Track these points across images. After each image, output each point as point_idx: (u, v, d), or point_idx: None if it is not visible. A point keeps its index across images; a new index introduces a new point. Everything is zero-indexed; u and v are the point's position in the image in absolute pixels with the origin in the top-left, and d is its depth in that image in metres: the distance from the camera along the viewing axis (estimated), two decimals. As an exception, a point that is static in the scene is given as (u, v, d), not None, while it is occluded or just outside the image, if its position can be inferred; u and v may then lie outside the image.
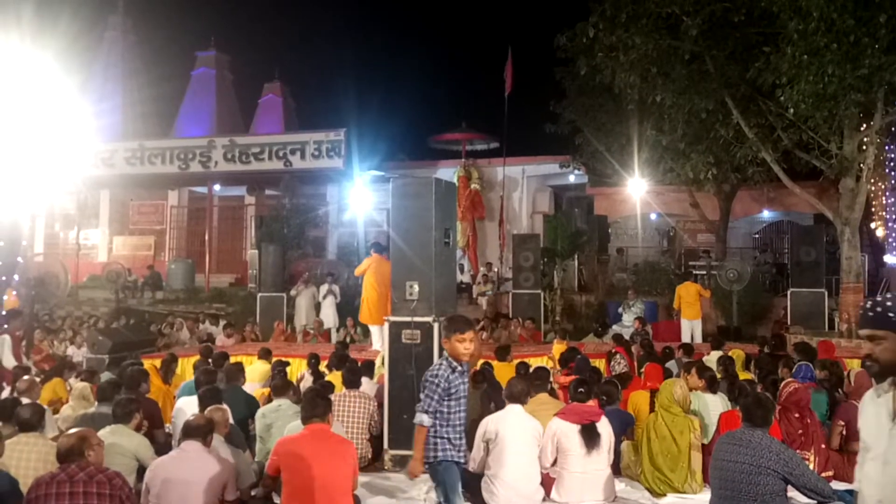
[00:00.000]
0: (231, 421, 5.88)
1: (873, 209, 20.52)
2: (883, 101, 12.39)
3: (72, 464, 4.27)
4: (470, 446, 6.44)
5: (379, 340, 11.13)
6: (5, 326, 10.89)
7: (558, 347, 10.45)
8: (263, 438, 6.49)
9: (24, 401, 6.36)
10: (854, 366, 8.89)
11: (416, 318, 7.07)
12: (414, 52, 53.48)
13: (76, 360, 13.34)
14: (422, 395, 4.36)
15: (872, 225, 21.31)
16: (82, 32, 24.83)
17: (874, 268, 21.31)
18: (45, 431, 5.68)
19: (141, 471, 5.20)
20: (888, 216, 20.79)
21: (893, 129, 15.24)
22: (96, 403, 6.80)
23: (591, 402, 5.87)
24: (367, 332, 13.46)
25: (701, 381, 6.77)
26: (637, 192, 19.49)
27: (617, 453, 6.18)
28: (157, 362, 9.81)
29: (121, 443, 5.37)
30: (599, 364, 9.87)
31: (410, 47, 54.10)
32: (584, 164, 20.65)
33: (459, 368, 4.41)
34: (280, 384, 6.98)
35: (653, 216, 22.84)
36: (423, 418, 4.28)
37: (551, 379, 8.13)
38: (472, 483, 5.72)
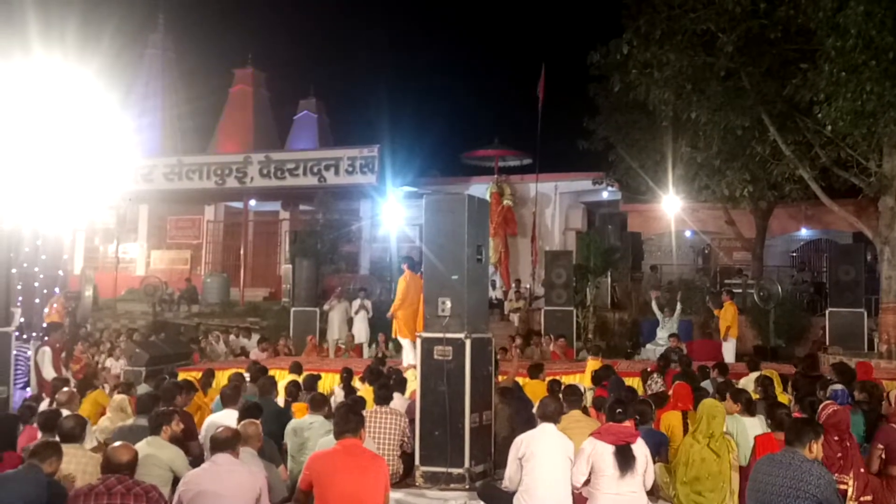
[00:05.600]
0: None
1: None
2: (924, 118, 12.18)
3: (112, 476, 4.35)
4: (501, 463, 6.43)
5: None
6: (46, 338, 11.12)
7: (592, 365, 10.32)
8: (294, 457, 6.53)
9: (65, 412, 6.49)
10: (893, 388, 8.70)
11: (449, 335, 7.08)
12: (447, 69, 53.78)
13: (114, 372, 13.59)
14: None
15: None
16: (123, 50, 25.41)
17: (916, 287, 20.83)
18: (83, 443, 5.78)
19: (176, 482, 5.27)
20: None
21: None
22: (134, 416, 6.91)
23: (628, 423, 5.81)
24: (399, 348, 13.51)
25: (737, 405, 6.69)
26: (671, 209, 19.33)
27: (650, 475, 6.12)
28: (197, 375, 9.95)
29: (157, 454, 5.45)
30: (634, 383, 9.78)
31: (444, 64, 54.49)
32: (617, 181, 20.54)
33: None
34: (318, 399, 7.04)
35: (687, 233, 22.61)
36: None
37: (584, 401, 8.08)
38: (505, 501, 5.71)
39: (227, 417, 6.42)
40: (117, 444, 4.68)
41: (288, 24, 50.79)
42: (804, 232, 22.74)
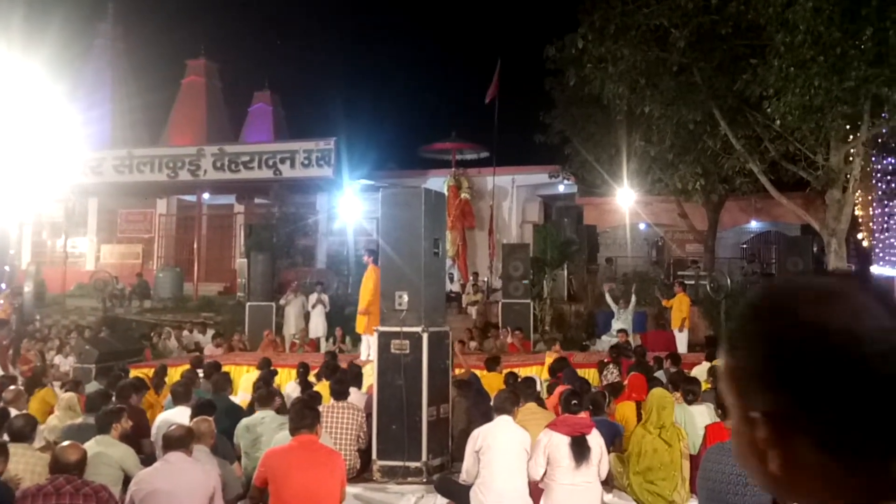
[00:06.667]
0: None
1: (860, 220, 20.69)
2: (869, 112, 12.47)
3: (61, 476, 4.26)
4: (459, 456, 6.45)
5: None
6: (-8, 335, 10.84)
7: (550, 359, 10.38)
8: (248, 454, 6.45)
9: (12, 411, 6.34)
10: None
11: (406, 329, 7.07)
12: (404, 62, 53.64)
13: (63, 369, 13.29)
14: None
15: (859, 236, 21.48)
16: (71, 40, 24.82)
17: (861, 278, 21.40)
18: (32, 443, 5.65)
19: (127, 481, 5.17)
20: (875, 227, 20.97)
21: (880, 140, 15.37)
22: (83, 414, 6.76)
23: (583, 414, 5.87)
24: (356, 342, 13.45)
25: (678, 394, 6.84)
26: (626, 202, 19.56)
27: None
28: (149, 372, 9.79)
29: (106, 453, 5.34)
30: (590, 373, 9.89)
31: (401, 57, 54.27)
32: (573, 174, 20.72)
33: None
34: (264, 395, 6.95)
35: (642, 226, 22.92)
36: None
37: (539, 389, 8.13)
38: (462, 494, 5.73)
39: (179, 415, 6.32)
40: (65, 443, 4.58)
41: (242, 15, 50.15)
42: (754, 224, 23.22)
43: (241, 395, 8.84)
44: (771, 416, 0.86)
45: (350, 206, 21.86)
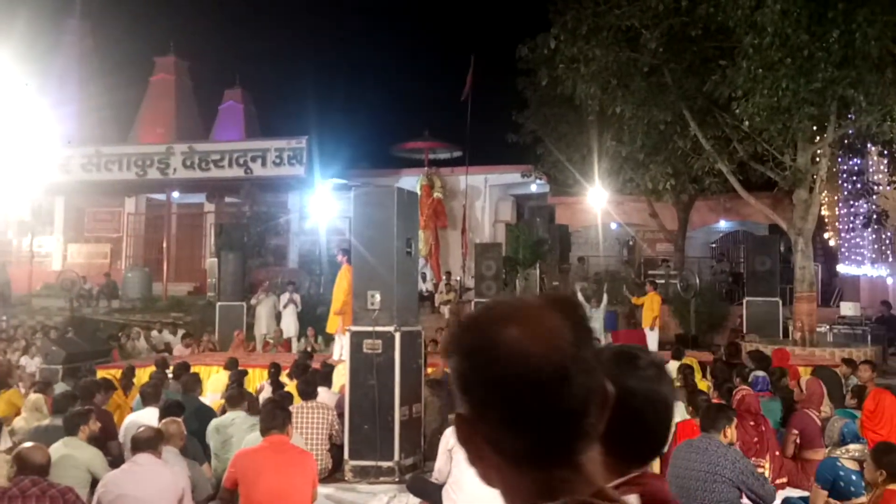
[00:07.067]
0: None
1: (826, 220, 21.02)
2: (836, 114, 12.68)
3: (26, 478, 4.18)
4: (431, 455, 6.45)
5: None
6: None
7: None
8: (219, 455, 6.38)
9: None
10: (807, 374, 9.07)
11: (378, 328, 7.05)
12: (377, 61, 53.48)
13: (29, 370, 13.06)
14: None
15: (826, 235, 21.83)
16: (38, 37, 24.38)
17: (827, 277, 21.82)
18: (-4, 445, 5.55)
19: (94, 483, 5.10)
20: (841, 227, 21.32)
21: (846, 141, 15.62)
22: (50, 416, 6.66)
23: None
24: (328, 342, 13.39)
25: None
26: (597, 201, 19.69)
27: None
28: (117, 373, 9.66)
29: (74, 455, 5.26)
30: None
31: (373, 55, 54.10)
32: (545, 174, 20.81)
33: None
34: (235, 395, 6.88)
35: (613, 226, 23.09)
36: None
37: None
38: (434, 493, 5.72)
39: (148, 416, 6.25)
40: (29, 444, 4.50)
41: (212, 13, 49.63)
42: (723, 224, 23.50)
43: (211, 396, 8.75)
44: (460, 418, 1.01)
45: (322, 205, 21.73)
